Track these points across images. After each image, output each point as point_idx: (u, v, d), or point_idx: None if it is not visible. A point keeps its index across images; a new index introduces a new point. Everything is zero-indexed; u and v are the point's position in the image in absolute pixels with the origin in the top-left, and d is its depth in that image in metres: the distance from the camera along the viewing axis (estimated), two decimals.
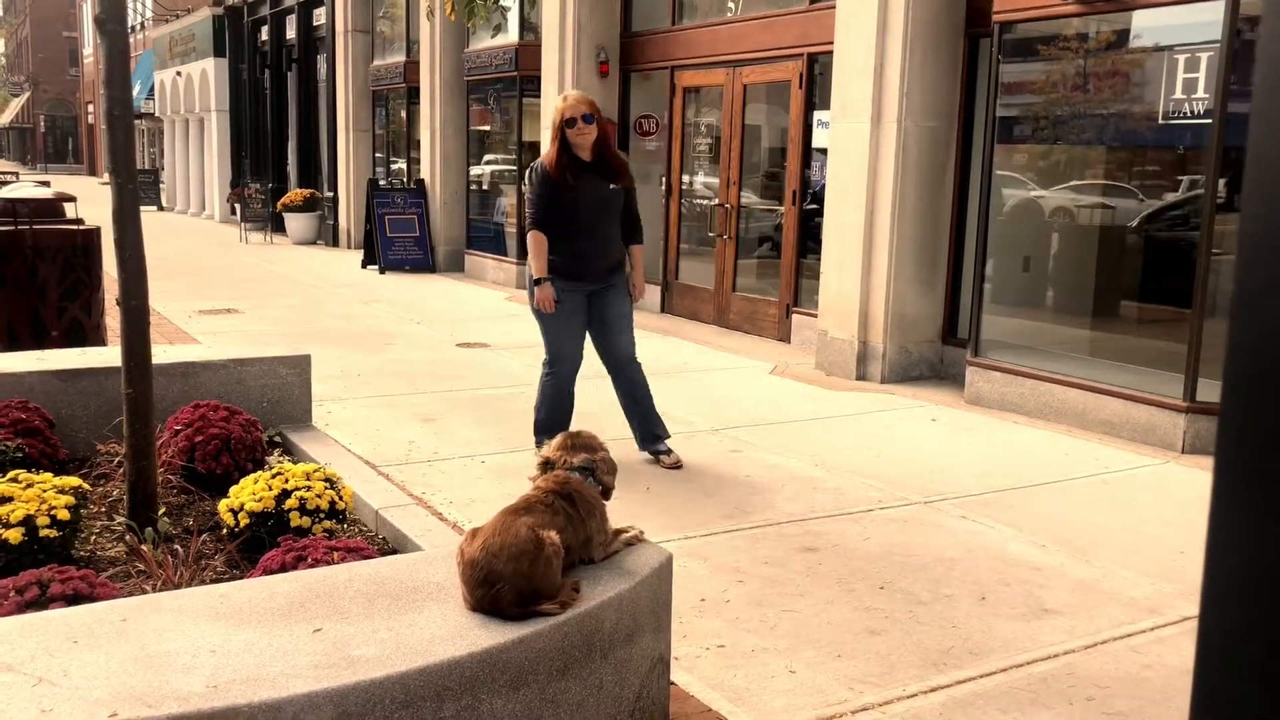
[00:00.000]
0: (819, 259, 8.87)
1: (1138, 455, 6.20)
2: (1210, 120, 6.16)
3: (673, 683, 3.19)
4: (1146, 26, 6.77)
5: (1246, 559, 0.96)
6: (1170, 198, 6.97)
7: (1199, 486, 5.60)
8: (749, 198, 10.64)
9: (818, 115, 9.46)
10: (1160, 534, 4.88)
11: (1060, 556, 4.54)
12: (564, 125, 5.45)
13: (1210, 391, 6.24)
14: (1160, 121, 6.63)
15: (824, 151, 8.94)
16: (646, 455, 5.84)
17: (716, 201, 10.77)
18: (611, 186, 5.57)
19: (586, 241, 5.54)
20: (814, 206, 9.49)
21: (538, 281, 5.56)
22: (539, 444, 5.63)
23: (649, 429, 5.83)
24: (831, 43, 8.50)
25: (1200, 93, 6.27)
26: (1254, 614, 0.96)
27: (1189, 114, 6.40)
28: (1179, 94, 6.43)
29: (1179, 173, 6.91)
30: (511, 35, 13.48)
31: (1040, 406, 7.07)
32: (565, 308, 5.57)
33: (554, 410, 5.75)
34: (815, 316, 8.95)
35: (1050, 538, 4.76)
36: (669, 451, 5.79)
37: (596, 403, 7.18)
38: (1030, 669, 3.51)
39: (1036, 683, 3.42)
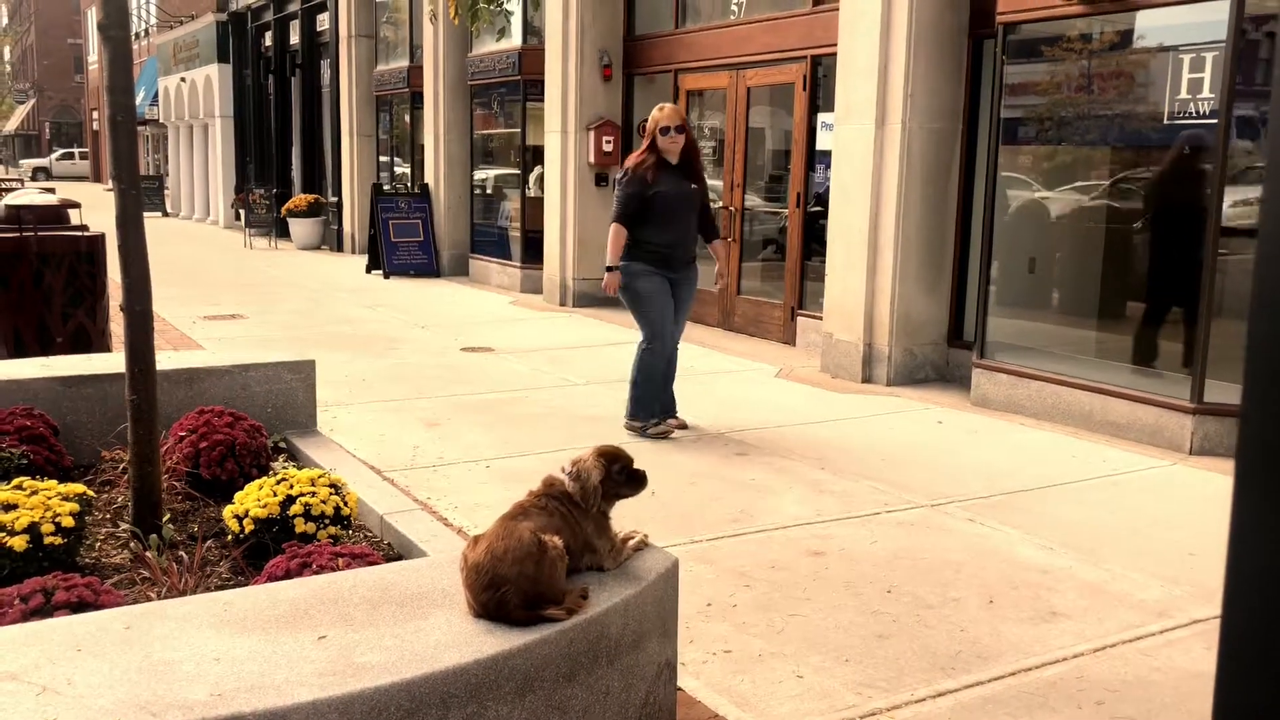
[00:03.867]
0: (823, 262, 8.85)
1: (1145, 457, 6.18)
2: (1216, 120, 6.14)
3: (680, 688, 3.18)
4: (1151, 27, 6.75)
5: (1269, 552, 0.95)
6: (1175, 198, 6.93)
7: (1208, 488, 5.58)
8: (753, 200, 10.63)
9: (821, 118, 9.44)
10: (1169, 536, 4.85)
11: (1068, 559, 4.52)
12: (658, 133, 6.24)
13: (1218, 393, 6.22)
14: (1165, 122, 6.61)
15: (828, 154, 8.92)
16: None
17: (720, 204, 10.76)
18: (693, 186, 6.34)
19: (670, 234, 6.27)
20: (818, 209, 9.47)
21: (610, 268, 6.33)
22: (638, 418, 6.42)
23: (669, 404, 6.58)
24: (835, 45, 8.49)
25: (1206, 93, 6.25)
26: (1276, 605, 0.95)
27: (1194, 114, 6.38)
28: (1184, 94, 6.41)
29: (1184, 173, 6.87)
30: (514, 39, 13.49)
31: (1046, 408, 7.05)
32: (656, 286, 6.28)
33: (651, 385, 6.40)
34: (820, 319, 8.93)
35: (1058, 540, 4.73)
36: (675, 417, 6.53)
37: (600, 408, 7.17)
38: (1039, 673, 3.49)
39: (1045, 687, 3.40)
